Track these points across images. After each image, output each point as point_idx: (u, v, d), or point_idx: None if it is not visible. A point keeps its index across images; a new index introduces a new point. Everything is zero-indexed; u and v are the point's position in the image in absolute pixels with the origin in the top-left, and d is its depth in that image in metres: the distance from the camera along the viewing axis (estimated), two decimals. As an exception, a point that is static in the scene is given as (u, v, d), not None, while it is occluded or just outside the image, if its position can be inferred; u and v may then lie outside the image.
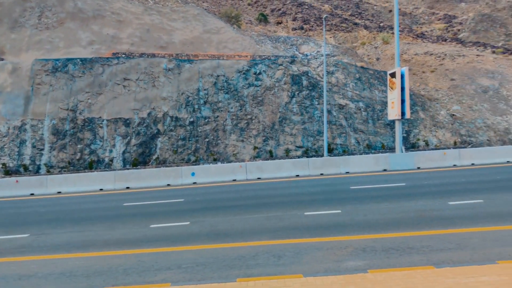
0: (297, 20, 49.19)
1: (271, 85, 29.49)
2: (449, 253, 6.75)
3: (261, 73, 29.79)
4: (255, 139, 27.65)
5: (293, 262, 6.91)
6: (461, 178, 15.23)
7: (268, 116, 28.50)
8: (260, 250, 7.65)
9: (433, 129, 31.09)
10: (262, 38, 37.32)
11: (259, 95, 29.15)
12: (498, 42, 54.88)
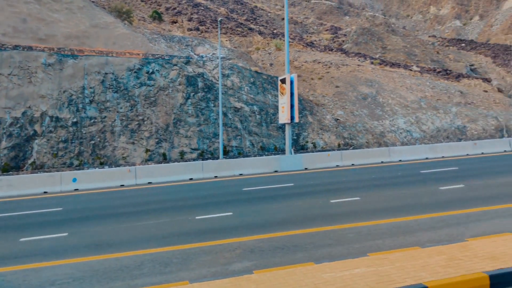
0: (192, 20, 48.84)
1: (165, 85, 28.73)
2: (329, 249, 7.26)
3: (154, 72, 28.84)
4: (148, 141, 26.63)
5: (180, 268, 6.74)
6: (342, 178, 16.68)
7: (161, 118, 27.68)
8: (146, 259, 7.31)
9: (320, 132, 33.54)
10: (156, 36, 36.20)
11: (152, 95, 28.17)
12: (376, 54, 61.73)
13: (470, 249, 6.09)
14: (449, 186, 13.02)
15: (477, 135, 40.68)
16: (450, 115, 41.96)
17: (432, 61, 62.26)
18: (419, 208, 10.08)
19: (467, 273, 5.13)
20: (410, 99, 42.62)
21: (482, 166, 18.59)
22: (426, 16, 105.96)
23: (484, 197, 10.95)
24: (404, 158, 23.20)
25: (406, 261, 5.74)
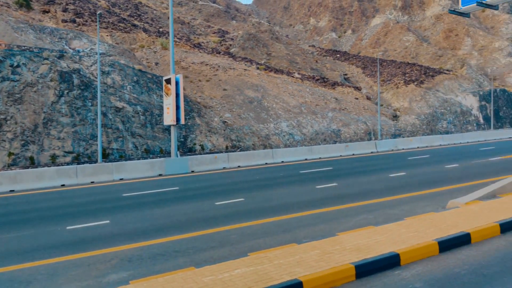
0: (68, 11, 44.77)
1: (33, 81, 25.70)
2: (212, 252, 7.22)
3: (20, 66, 25.60)
4: (11, 143, 23.49)
5: (45, 285, 6.01)
6: (228, 179, 16.92)
7: (29, 117, 24.69)
8: (2, 279, 6.35)
9: (208, 135, 33.64)
10: (23, 26, 32.25)
11: (17, 91, 24.96)
12: (262, 59, 64.42)
13: (340, 242, 6.64)
14: (325, 185, 14.15)
15: (350, 138, 45.25)
16: (327, 119, 45.90)
17: (312, 69, 67.43)
18: (298, 206, 10.71)
19: (336, 265, 5.56)
20: (292, 104, 45.47)
21: (352, 166, 20.67)
22: (307, 27, 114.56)
23: (354, 194, 12.14)
24: (286, 160, 24.58)
25: (284, 258, 5.99)
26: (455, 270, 5.65)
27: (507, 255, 6.19)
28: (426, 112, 58.70)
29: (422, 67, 74.04)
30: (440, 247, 6.39)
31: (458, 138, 37.20)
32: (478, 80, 73.89)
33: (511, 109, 73.04)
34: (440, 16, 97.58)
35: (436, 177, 15.04)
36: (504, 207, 8.64)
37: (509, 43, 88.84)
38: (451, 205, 9.31)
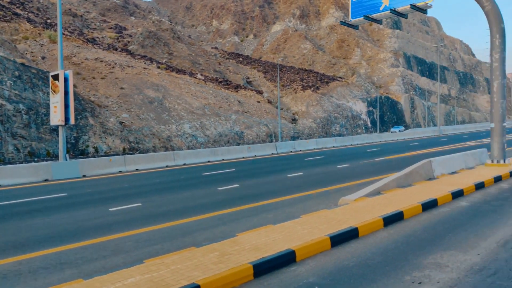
0: None
1: None
2: (104, 261, 6.73)
3: None
4: None
5: None
6: (125, 184, 16.07)
7: None
8: None
9: (103, 136, 31.64)
10: None
11: None
12: (163, 59, 62.79)
13: (239, 243, 6.68)
14: (227, 186, 14.24)
15: (252, 140, 46.42)
16: (230, 121, 46.49)
17: (215, 71, 67.75)
18: (199, 209, 10.58)
19: (235, 266, 5.57)
20: (195, 105, 45.12)
21: (254, 167, 21.19)
22: (210, 29, 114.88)
23: (255, 195, 12.41)
24: (188, 162, 24.24)
25: (182, 262, 5.83)
26: (344, 263, 6.06)
27: (388, 246, 6.84)
28: (322, 116, 62.89)
29: (318, 74, 79.22)
30: (332, 242, 6.81)
31: (349, 141, 40.53)
32: (366, 87, 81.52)
33: (394, 115, 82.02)
34: (334, 27, 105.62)
35: (330, 176, 16.14)
36: (387, 202, 9.57)
37: (392, 55, 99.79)
38: (342, 202, 10.04)
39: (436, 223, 8.23)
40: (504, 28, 16.46)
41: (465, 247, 6.60)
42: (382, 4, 18.50)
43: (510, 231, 7.43)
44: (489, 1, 16.38)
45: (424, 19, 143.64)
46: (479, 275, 5.40)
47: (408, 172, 12.38)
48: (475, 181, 12.34)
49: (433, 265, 5.85)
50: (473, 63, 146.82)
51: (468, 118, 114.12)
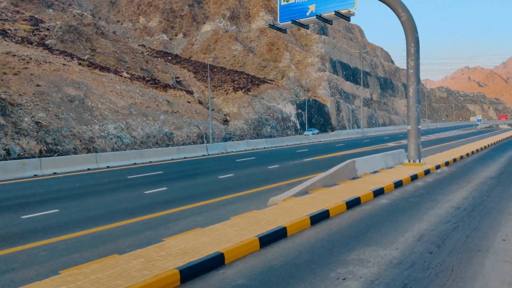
0: None
1: None
2: (13, 275, 6.13)
3: None
4: None
5: None
6: (40, 189, 14.88)
7: None
8: None
9: (16, 137, 29.12)
10: None
11: None
12: (85, 55, 59.40)
13: (166, 248, 6.47)
14: (154, 189, 13.79)
15: (182, 141, 45.60)
16: (159, 122, 45.25)
17: (142, 70, 65.60)
18: (124, 214, 10.10)
19: (160, 272, 5.37)
20: (121, 105, 43.26)
21: (184, 169, 20.79)
22: (136, 25, 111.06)
23: (183, 197, 12.15)
24: (112, 164, 23.13)
25: (103, 271, 5.49)
26: (273, 263, 6.12)
27: (315, 244, 7.05)
28: (253, 117, 63.69)
29: (249, 76, 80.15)
30: (261, 243, 6.86)
31: (280, 142, 41.49)
32: (295, 90, 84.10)
33: (321, 117, 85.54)
34: (264, 30, 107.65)
35: (260, 177, 16.34)
36: (314, 201, 9.89)
37: (319, 59, 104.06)
38: (272, 202, 10.18)
39: (359, 220, 8.66)
40: (418, 37, 17.88)
41: (385, 243, 7.01)
42: (309, 9, 19.18)
43: (425, 226, 8.04)
44: (405, 11, 17.70)
45: (348, 26, 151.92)
46: (398, 269, 5.75)
47: (333, 172, 12.92)
48: (394, 179, 13.22)
49: (357, 261, 6.13)
50: (393, 70, 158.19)
51: (388, 120, 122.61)
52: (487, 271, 5.58)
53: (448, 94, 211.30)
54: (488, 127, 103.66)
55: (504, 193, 11.32)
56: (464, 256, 6.21)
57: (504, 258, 6.05)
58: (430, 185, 13.09)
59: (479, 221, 8.31)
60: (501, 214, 8.82)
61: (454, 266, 5.80)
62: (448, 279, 5.32)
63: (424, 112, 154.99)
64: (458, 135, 53.21)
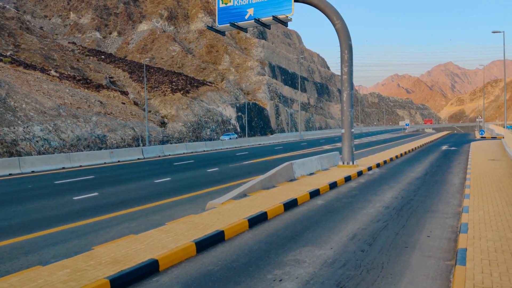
0: None
1: None
2: None
3: None
4: None
5: None
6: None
7: None
8: None
9: None
10: None
11: None
12: (7, 51, 55.13)
13: (96, 257, 6.12)
14: (84, 195, 13.07)
15: (117, 144, 43.84)
16: (91, 124, 43.14)
17: (72, 68, 62.26)
18: (49, 222, 9.45)
19: (89, 282, 5.06)
20: (48, 105, 40.67)
21: (117, 174, 19.95)
22: (66, 21, 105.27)
23: (116, 203, 11.63)
24: (38, 169, 21.63)
25: (23, 285, 5.06)
26: (210, 268, 6.03)
27: (253, 247, 7.06)
28: (192, 120, 62.93)
29: (188, 78, 79.14)
30: (197, 248, 6.74)
31: (219, 145, 41.34)
32: (235, 93, 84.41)
33: (261, 120, 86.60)
34: (203, 32, 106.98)
35: (199, 180, 16.13)
36: (252, 204, 9.93)
37: (258, 63, 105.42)
38: (210, 206, 10.07)
39: (296, 222, 8.83)
40: (352, 44, 18.74)
41: (320, 242, 7.20)
42: (248, 13, 19.35)
43: (358, 225, 8.38)
44: (339, 19, 18.47)
45: (286, 32, 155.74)
46: (332, 268, 5.93)
47: (272, 174, 13.09)
48: (329, 181, 13.68)
49: (293, 261, 6.22)
50: (328, 75, 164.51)
51: (324, 124, 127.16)
52: (414, 266, 5.92)
53: (380, 99, 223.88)
54: (415, 131, 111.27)
55: (428, 192, 12.16)
56: (393, 253, 6.55)
57: (428, 254, 6.47)
58: (362, 186, 13.71)
59: (406, 219, 8.83)
60: (426, 212, 9.45)
61: (384, 263, 6.09)
62: (378, 276, 5.57)
63: (357, 116, 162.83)
64: (389, 138, 56.51)
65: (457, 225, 8.10)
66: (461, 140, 49.38)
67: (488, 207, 9.03)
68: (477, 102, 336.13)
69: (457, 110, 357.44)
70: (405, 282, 5.34)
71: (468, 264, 5.46)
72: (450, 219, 8.71)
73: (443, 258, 6.24)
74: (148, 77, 72.97)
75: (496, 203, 9.46)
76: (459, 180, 14.48)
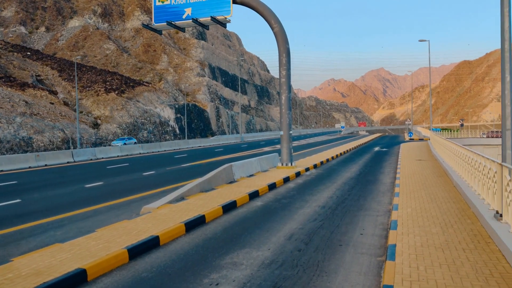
0: None
1: None
2: None
3: None
4: None
5: None
6: None
7: None
8: None
9: None
10: None
11: None
12: None
13: (15, 269, 5.63)
14: (4, 202, 12.06)
15: (44, 147, 41.13)
16: (14, 125, 40.14)
17: (-6, 65, 57.67)
18: (-39, 233, 8.57)
19: (5, 298, 4.64)
20: (-36, 105, 37.21)
21: (43, 178, 18.69)
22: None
23: (41, 210, 10.86)
24: (-49, 175, 19.65)
25: None
26: (143, 275, 5.79)
27: (189, 251, 6.90)
28: (128, 121, 60.81)
29: (123, 77, 76.39)
30: (130, 254, 6.45)
31: (156, 147, 40.29)
32: (174, 94, 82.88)
33: (201, 122, 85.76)
34: (140, 30, 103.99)
35: (134, 184, 15.55)
36: (190, 207, 9.74)
37: (198, 64, 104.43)
38: (145, 210, 9.72)
39: (235, 224, 8.78)
40: (289, 48, 19.13)
41: (258, 244, 7.21)
42: (185, 12, 19.07)
43: (295, 225, 8.52)
44: (277, 23, 18.78)
45: (226, 34, 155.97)
46: (269, 269, 5.94)
47: (211, 176, 12.95)
48: (268, 182, 13.82)
49: (230, 264, 6.16)
50: (268, 78, 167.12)
51: (265, 126, 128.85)
52: (348, 263, 6.11)
53: (317, 103, 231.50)
54: (350, 133, 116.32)
55: (362, 191, 12.70)
56: (328, 251, 6.72)
57: (361, 251, 6.71)
58: (300, 186, 14.01)
59: (341, 218, 9.13)
60: (359, 211, 9.84)
61: (320, 261, 6.23)
62: (314, 274, 5.67)
63: (296, 119, 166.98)
64: (326, 140, 58.49)
65: (388, 222, 8.51)
66: (391, 141, 52.39)
67: (415, 204, 9.61)
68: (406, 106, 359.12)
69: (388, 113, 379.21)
70: (339, 279, 5.48)
71: (397, 259, 5.74)
72: (381, 217, 9.14)
73: (375, 254, 6.51)
74: (80, 76, 69.42)
75: (422, 200, 10.10)
76: (389, 180, 15.30)
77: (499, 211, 7.06)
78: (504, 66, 7.10)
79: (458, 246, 6.34)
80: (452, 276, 5.09)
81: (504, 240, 5.85)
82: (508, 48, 7.05)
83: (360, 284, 5.29)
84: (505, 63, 7.06)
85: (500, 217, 6.89)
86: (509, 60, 7.06)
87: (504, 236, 6.01)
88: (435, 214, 8.59)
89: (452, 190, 11.57)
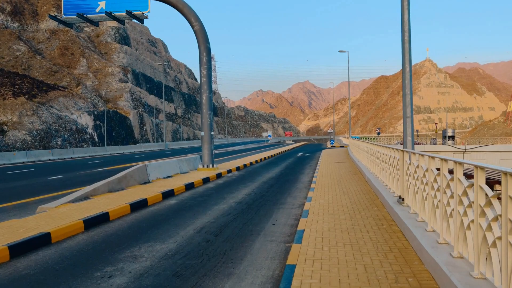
0: None
1: None
2: None
3: None
4: None
5: None
6: None
7: None
8: None
9: None
10: None
11: None
12: None
13: None
14: None
15: None
16: None
17: None
18: None
19: None
20: None
21: None
22: None
23: None
24: None
25: None
26: (23, 273, 5.12)
27: (84, 248, 6.30)
28: (39, 128, 56.54)
29: (35, 81, 71.13)
30: (12, 252, 5.71)
31: (70, 153, 37.82)
32: (93, 100, 78.79)
33: (123, 130, 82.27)
34: (56, 32, 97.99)
35: (36, 188, 14.23)
36: (93, 206, 9.02)
37: (120, 70, 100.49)
38: (40, 210, 8.83)
39: (142, 220, 8.27)
40: (210, 47, 18.95)
41: (164, 238, 6.80)
42: (99, 6, 18.11)
43: (207, 220, 8.22)
44: (197, 21, 18.53)
45: (152, 40, 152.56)
46: (172, 259, 5.58)
47: (121, 176, 12.21)
48: (186, 182, 13.38)
49: (129, 258, 5.70)
50: (196, 87, 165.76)
51: (193, 135, 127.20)
52: (255, 250, 5.94)
53: (246, 113, 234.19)
54: (277, 142, 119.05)
55: (280, 189, 12.77)
56: (237, 240, 6.51)
57: (271, 238, 6.60)
58: (220, 186, 13.76)
59: (256, 211, 9.01)
60: (276, 205, 9.81)
61: (227, 250, 5.99)
62: (219, 262, 5.41)
63: (225, 128, 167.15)
64: (253, 148, 59.02)
65: (301, 213, 8.55)
66: (315, 148, 54.34)
67: (328, 197, 9.80)
68: (330, 117, 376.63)
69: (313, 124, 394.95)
70: (244, 264, 5.28)
71: (303, 242, 5.68)
72: (296, 209, 9.17)
73: (284, 241, 6.42)
74: (-16, 78, 63.33)
75: (335, 193, 10.34)
76: (308, 179, 15.61)
77: (402, 196, 7.37)
78: (404, 57, 7.52)
79: (363, 228, 6.48)
80: (354, 253, 5.13)
81: (404, 220, 6.07)
82: (408, 39, 7.48)
83: (265, 267, 5.14)
84: (405, 53, 7.48)
85: (402, 201, 7.20)
86: (408, 51, 7.50)
87: (404, 217, 6.25)
88: (346, 204, 8.81)
89: (364, 185, 12.05)
